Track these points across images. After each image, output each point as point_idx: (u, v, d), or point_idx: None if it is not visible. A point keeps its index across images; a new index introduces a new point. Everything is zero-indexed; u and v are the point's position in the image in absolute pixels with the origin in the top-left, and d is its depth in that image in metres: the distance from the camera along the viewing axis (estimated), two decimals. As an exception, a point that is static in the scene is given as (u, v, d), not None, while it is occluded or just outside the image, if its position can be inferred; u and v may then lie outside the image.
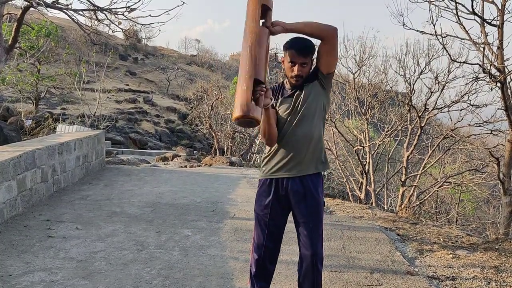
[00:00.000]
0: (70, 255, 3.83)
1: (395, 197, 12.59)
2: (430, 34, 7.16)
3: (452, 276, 3.71)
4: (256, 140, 19.28)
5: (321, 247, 2.62)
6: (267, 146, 2.69)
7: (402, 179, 10.88)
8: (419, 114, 10.47)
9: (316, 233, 2.59)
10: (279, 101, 2.60)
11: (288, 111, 2.56)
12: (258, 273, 2.72)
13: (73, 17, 6.13)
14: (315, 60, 2.56)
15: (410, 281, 3.55)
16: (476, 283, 3.56)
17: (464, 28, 6.74)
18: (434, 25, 6.94)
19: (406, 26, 7.47)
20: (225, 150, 20.14)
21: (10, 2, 6.44)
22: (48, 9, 6.11)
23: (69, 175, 6.75)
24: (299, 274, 2.69)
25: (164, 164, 11.29)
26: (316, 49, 2.54)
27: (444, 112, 10.81)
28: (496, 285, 3.53)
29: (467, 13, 6.58)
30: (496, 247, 4.57)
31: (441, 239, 4.82)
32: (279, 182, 2.62)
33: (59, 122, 14.64)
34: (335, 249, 4.27)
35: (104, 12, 6.12)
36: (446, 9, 6.73)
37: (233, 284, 3.37)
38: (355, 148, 12.27)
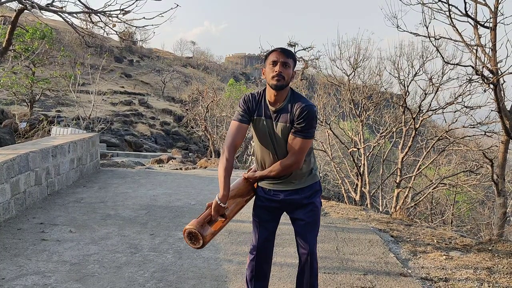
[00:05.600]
0: (64, 258, 3.82)
1: (390, 199, 12.62)
2: (424, 36, 7.19)
3: (445, 278, 3.73)
4: (251, 142, 19.27)
5: (315, 246, 2.63)
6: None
7: (397, 181, 10.91)
8: (414, 116, 10.51)
9: (311, 232, 2.60)
10: (262, 118, 2.50)
11: (270, 131, 2.51)
12: (255, 275, 2.73)
13: (67, 19, 6.13)
14: (296, 72, 2.51)
15: (403, 282, 3.57)
16: (469, 284, 3.57)
17: (457, 30, 6.78)
18: (427, 27, 6.98)
19: (400, 28, 7.48)
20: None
21: (4, 5, 6.42)
22: (42, 11, 6.11)
23: (63, 178, 6.73)
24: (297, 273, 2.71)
25: (159, 166, 11.27)
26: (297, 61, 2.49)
27: (438, 113, 10.87)
28: (489, 286, 3.55)
29: (460, 15, 6.61)
30: (489, 248, 4.59)
31: (435, 241, 4.84)
32: (275, 191, 2.63)
33: (53, 125, 14.55)
34: (329, 251, 4.28)
35: (98, 14, 6.12)
36: (439, 11, 6.77)
37: (226, 286, 3.37)
38: (350, 150, 12.29)
